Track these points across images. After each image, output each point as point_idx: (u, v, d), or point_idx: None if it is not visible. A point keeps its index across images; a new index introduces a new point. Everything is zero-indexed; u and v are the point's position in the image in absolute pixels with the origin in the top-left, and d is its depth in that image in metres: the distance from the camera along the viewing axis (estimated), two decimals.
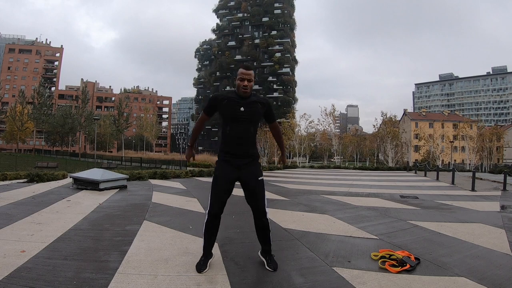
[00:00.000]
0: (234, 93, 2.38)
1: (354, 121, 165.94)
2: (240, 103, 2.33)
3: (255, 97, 2.40)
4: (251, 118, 2.36)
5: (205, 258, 2.44)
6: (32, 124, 50.25)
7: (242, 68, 2.35)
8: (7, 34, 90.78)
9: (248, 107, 2.33)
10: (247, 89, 2.32)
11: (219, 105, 2.37)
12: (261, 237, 2.49)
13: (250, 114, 2.35)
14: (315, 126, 38.32)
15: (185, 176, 11.37)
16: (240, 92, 2.34)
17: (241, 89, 2.32)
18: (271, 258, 2.48)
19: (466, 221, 4.30)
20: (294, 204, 5.79)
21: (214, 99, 2.41)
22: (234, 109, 2.32)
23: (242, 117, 2.33)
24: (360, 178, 13.51)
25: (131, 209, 4.85)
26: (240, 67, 2.38)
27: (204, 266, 2.39)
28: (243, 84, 2.31)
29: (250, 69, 2.36)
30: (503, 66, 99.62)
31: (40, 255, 2.61)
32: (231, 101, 2.34)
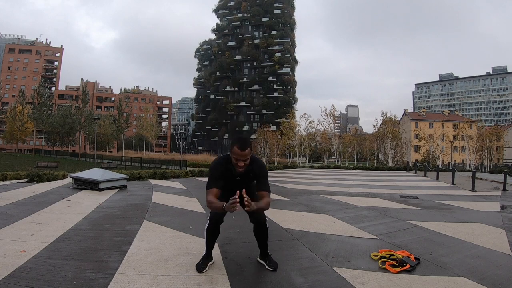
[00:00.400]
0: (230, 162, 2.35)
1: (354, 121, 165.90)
2: (235, 174, 2.38)
3: (250, 166, 2.35)
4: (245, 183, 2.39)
5: (206, 258, 2.47)
6: (32, 124, 50.22)
7: (237, 148, 2.23)
8: (7, 34, 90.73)
9: (243, 177, 2.39)
10: (242, 170, 2.32)
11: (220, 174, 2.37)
12: (259, 242, 2.52)
13: (245, 182, 2.39)
14: (315, 126, 38.35)
15: (185, 176, 11.37)
16: (236, 171, 2.35)
17: (237, 169, 2.32)
18: (269, 259, 2.50)
19: (466, 221, 4.30)
20: (294, 204, 5.79)
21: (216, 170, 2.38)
22: (231, 179, 2.38)
23: (237, 183, 2.38)
24: (360, 178, 13.51)
25: (131, 209, 4.85)
26: (235, 144, 2.25)
27: (203, 266, 2.41)
28: (238, 165, 2.29)
29: (246, 148, 2.24)
30: (503, 66, 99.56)
31: (40, 255, 2.61)
32: (230, 173, 2.36)
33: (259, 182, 2.39)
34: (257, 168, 2.38)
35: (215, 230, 2.42)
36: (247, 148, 2.25)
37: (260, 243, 2.51)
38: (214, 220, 2.38)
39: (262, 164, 2.45)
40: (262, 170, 2.41)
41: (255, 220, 2.41)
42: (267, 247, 2.53)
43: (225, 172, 2.35)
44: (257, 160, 2.43)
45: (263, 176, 2.40)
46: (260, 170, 2.39)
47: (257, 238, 2.50)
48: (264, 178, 2.41)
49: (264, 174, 2.41)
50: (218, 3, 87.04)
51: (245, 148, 2.24)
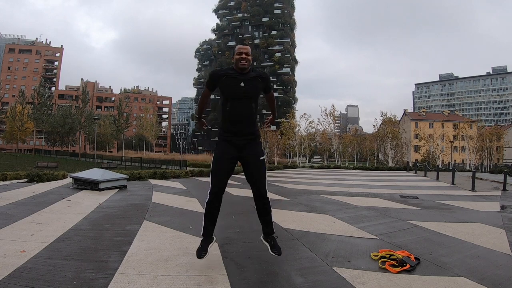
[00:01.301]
0: (233, 69, 2.31)
1: (354, 121, 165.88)
2: (239, 78, 2.26)
3: (255, 72, 2.34)
4: (251, 94, 2.30)
5: (205, 241, 2.38)
6: (32, 124, 50.24)
7: (239, 45, 2.36)
8: (7, 34, 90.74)
9: (248, 83, 2.27)
10: (245, 62, 2.24)
11: (219, 80, 2.30)
12: (262, 218, 2.45)
13: (250, 90, 2.29)
14: (315, 126, 38.37)
15: (185, 176, 11.37)
16: (239, 65, 2.27)
17: (240, 62, 2.25)
18: (274, 242, 2.43)
19: (466, 221, 4.30)
20: (294, 204, 5.79)
21: (214, 74, 2.36)
22: (234, 85, 2.26)
23: (243, 93, 2.27)
24: (360, 178, 13.51)
25: (131, 209, 4.85)
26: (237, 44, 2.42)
27: (204, 251, 2.33)
28: (241, 57, 2.23)
29: (247, 45, 2.43)
30: (503, 66, 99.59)
31: (40, 255, 2.61)
32: (231, 77, 2.27)
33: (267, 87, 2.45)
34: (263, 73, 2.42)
35: (217, 203, 2.35)
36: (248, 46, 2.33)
37: (263, 220, 2.45)
38: (215, 191, 2.32)
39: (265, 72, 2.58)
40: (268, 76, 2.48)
41: (257, 190, 2.37)
42: (271, 223, 2.46)
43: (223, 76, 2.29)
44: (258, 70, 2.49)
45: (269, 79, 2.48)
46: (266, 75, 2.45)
47: (260, 215, 2.44)
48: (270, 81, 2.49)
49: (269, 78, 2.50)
50: (218, 3, 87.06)
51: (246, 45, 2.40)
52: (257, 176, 2.38)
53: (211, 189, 2.34)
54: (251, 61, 2.29)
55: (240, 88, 2.25)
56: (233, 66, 2.33)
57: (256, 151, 2.40)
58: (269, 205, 2.43)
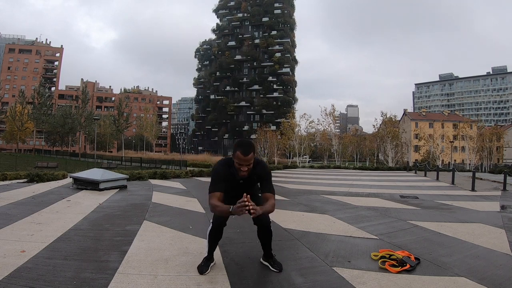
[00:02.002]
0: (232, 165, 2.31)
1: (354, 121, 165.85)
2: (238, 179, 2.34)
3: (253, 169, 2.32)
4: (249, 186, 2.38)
5: (207, 261, 2.44)
6: (32, 124, 50.20)
7: (240, 153, 2.19)
8: (7, 34, 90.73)
9: (246, 181, 2.35)
10: (245, 174, 2.28)
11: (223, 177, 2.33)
12: (263, 243, 2.49)
13: (248, 185, 2.37)
14: (315, 126, 38.36)
15: (185, 176, 11.37)
16: (239, 175, 2.30)
17: (240, 173, 2.28)
18: (273, 260, 2.49)
19: (466, 221, 4.30)
20: (294, 204, 5.79)
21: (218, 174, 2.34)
22: (234, 182, 2.34)
23: (241, 186, 2.35)
24: (360, 178, 13.51)
25: (131, 209, 4.85)
26: (238, 148, 2.21)
27: (206, 268, 2.39)
28: (242, 169, 2.25)
29: (249, 153, 2.20)
30: (503, 66, 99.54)
31: (40, 255, 2.61)
32: (232, 177, 2.32)
33: (263, 184, 2.36)
34: (260, 170, 2.35)
35: (218, 233, 2.39)
36: (251, 153, 2.20)
37: (264, 245, 2.49)
38: (218, 223, 2.36)
39: (265, 166, 2.42)
40: (266, 172, 2.38)
41: (259, 223, 2.39)
42: (271, 248, 2.51)
43: (228, 175, 2.32)
44: (260, 162, 2.40)
45: (267, 177, 2.37)
46: (263, 172, 2.36)
47: (261, 240, 2.48)
48: (268, 179, 2.38)
49: (267, 176, 2.38)
50: (218, 3, 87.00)
51: (249, 152, 2.19)
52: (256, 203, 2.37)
53: (214, 221, 2.37)
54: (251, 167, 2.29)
55: (239, 184, 2.36)
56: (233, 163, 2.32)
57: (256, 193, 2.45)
58: (271, 232, 2.44)
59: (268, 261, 2.50)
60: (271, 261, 2.48)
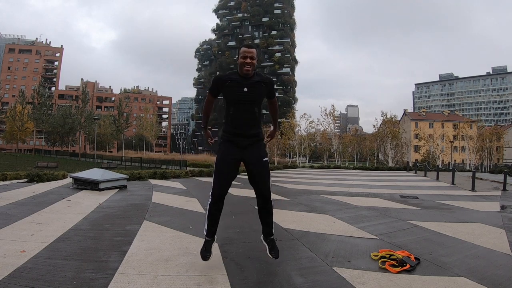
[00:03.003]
0: (236, 74, 2.30)
1: (354, 121, 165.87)
2: (243, 84, 2.26)
3: (259, 77, 2.32)
4: (254, 99, 2.30)
5: (208, 242, 2.39)
6: (32, 124, 50.23)
7: (244, 47, 2.28)
8: (7, 34, 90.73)
9: (251, 88, 2.26)
10: (249, 68, 2.23)
11: (222, 86, 2.30)
12: (263, 219, 2.45)
13: (254, 95, 2.28)
14: (315, 126, 38.39)
15: (185, 176, 11.37)
16: (243, 71, 2.25)
17: (244, 67, 2.23)
18: (273, 245, 2.44)
19: (466, 221, 4.30)
20: (294, 204, 5.79)
21: (217, 80, 2.36)
22: (238, 90, 2.26)
23: (246, 98, 2.27)
24: (360, 178, 13.51)
25: (131, 209, 4.85)
26: (242, 46, 2.30)
27: (208, 252, 2.35)
28: (245, 62, 2.22)
29: (252, 47, 2.29)
30: (503, 66, 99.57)
31: (40, 255, 2.61)
32: (234, 82, 2.27)
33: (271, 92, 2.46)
34: (267, 78, 2.40)
35: (219, 205, 2.35)
36: (254, 48, 2.30)
37: (264, 220, 2.44)
38: (217, 194, 2.32)
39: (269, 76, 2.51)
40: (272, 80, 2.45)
41: (260, 193, 2.36)
42: (272, 225, 2.47)
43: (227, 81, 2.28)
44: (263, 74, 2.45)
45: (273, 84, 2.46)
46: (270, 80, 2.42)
47: (260, 214, 2.44)
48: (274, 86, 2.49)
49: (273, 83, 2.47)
50: (218, 3, 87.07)
51: (252, 46, 2.30)
52: (259, 177, 2.36)
53: (214, 191, 2.33)
54: (255, 64, 2.28)
55: (243, 93, 2.26)
56: (237, 70, 2.32)
57: (259, 152, 2.39)
58: (272, 207, 2.42)
59: (268, 242, 2.45)
60: (270, 244, 2.43)
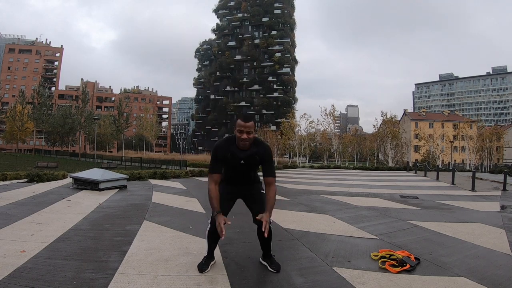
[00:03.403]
0: (234, 144, 2.30)
1: (354, 121, 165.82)
2: (240, 156, 2.30)
3: (255, 148, 2.32)
4: (250, 168, 2.40)
5: (207, 259, 2.45)
6: (32, 124, 50.18)
7: (240, 120, 2.22)
8: (7, 34, 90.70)
9: (247, 160, 2.32)
10: (246, 143, 2.25)
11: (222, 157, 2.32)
12: (263, 242, 2.47)
13: (249, 165, 2.36)
14: (315, 126, 38.37)
15: (185, 176, 11.37)
16: (240, 145, 2.28)
17: (241, 142, 2.25)
18: (272, 260, 2.48)
19: (466, 221, 4.30)
20: (294, 204, 5.79)
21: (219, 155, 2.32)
22: (235, 162, 2.33)
23: (242, 168, 2.36)
24: (360, 178, 13.51)
25: (131, 209, 4.85)
26: (238, 117, 2.24)
27: (206, 266, 2.40)
28: (242, 137, 2.22)
29: (250, 120, 2.22)
30: (503, 66, 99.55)
31: (40, 255, 2.61)
32: (233, 155, 2.30)
33: (265, 167, 2.36)
34: (263, 150, 2.35)
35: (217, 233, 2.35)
36: (251, 121, 2.23)
37: (263, 245, 2.48)
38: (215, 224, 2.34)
39: (267, 146, 2.43)
40: (268, 153, 2.38)
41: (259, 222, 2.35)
42: (270, 248, 2.50)
43: (228, 154, 2.30)
44: (262, 143, 2.41)
45: (269, 159, 2.37)
46: (265, 152, 2.36)
47: (260, 240, 2.46)
48: (270, 161, 2.39)
49: (270, 157, 2.39)
50: (218, 3, 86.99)
51: (249, 120, 2.22)
52: (259, 208, 2.37)
53: (213, 220, 2.33)
54: (252, 138, 2.27)
55: (240, 165, 2.34)
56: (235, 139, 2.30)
57: (257, 188, 2.48)
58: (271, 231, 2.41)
59: (267, 261, 2.50)
60: (269, 261, 2.48)
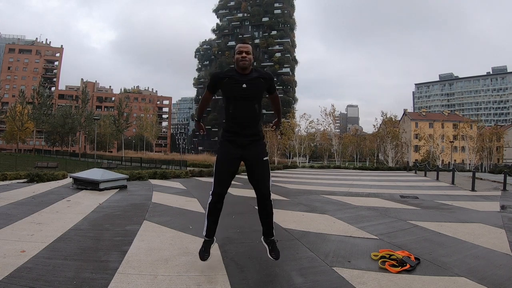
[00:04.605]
0: (234, 70, 2.29)
1: (354, 121, 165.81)
2: (241, 80, 2.24)
3: (257, 72, 2.30)
4: (254, 96, 2.28)
5: (208, 242, 2.38)
6: (32, 124, 50.20)
7: (239, 42, 2.31)
8: (7, 34, 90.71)
9: (250, 84, 2.24)
10: (246, 61, 2.21)
11: (220, 83, 2.29)
12: (263, 219, 2.43)
13: (253, 91, 2.26)
14: (315, 126, 38.40)
15: (185, 176, 11.37)
16: (239, 65, 2.24)
17: (240, 61, 2.22)
18: (273, 246, 2.42)
19: (466, 221, 4.29)
20: (294, 204, 5.79)
21: (215, 76, 2.34)
22: (236, 87, 2.24)
23: (245, 95, 2.25)
24: (360, 178, 13.51)
25: (131, 209, 4.85)
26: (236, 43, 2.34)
27: (207, 253, 2.34)
28: (241, 56, 2.21)
29: (247, 42, 2.33)
30: (503, 66, 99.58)
31: (40, 255, 2.61)
32: (232, 79, 2.25)
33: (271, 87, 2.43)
34: (265, 73, 2.39)
35: (219, 205, 2.33)
36: (248, 43, 2.33)
37: (264, 221, 2.42)
38: (218, 193, 2.30)
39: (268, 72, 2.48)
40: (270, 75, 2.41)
41: (260, 192, 2.34)
42: (272, 226, 2.44)
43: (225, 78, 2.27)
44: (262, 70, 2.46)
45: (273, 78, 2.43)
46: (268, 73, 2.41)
47: (260, 214, 2.42)
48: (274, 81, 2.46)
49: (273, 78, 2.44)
50: (218, 3, 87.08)
51: (246, 42, 2.33)
52: (260, 176, 2.35)
53: (214, 190, 2.32)
54: (252, 60, 2.26)
55: (243, 90, 2.23)
56: (235, 67, 2.30)
57: (259, 151, 2.38)
58: (271, 207, 2.39)
59: (268, 244, 2.43)
60: (271, 245, 2.42)
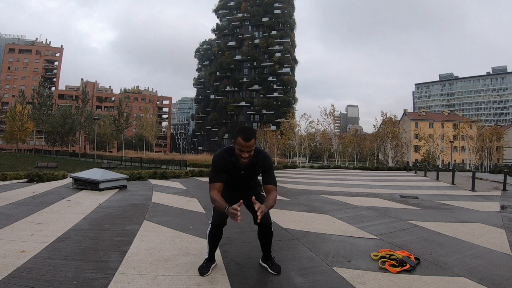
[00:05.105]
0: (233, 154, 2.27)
1: (354, 121, 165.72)
2: (240, 168, 2.31)
3: (254, 158, 2.29)
4: (251, 177, 2.43)
5: (208, 262, 2.42)
6: (32, 124, 50.17)
7: (241, 139, 2.14)
8: (7, 34, 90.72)
9: (247, 170, 2.34)
10: (246, 161, 2.25)
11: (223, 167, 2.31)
12: (263, 244, 2.45)
13: (250, 175, 2.39)
14: (315, 126, 38.37)
15: (185, 176, 11.37)
16: (240, 162, 2.28)
17: (241, 160, 2.25)
18: (272, 262, 2.46)
19: (466, 221, 4.30)
20: (294, 204, 5.79)
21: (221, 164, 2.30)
22: (236, 171, 2.33)
23: (243, 176, 2.38)
24: (360, 178, 13.52)
25: (131, 209, 4.85)
26: (239, 134, 2.15)
27: (207, 269, 2.37)
28: (242, 156, 2.21)
29: (250, 139, 2.14)
30: (503, 66, 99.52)
31: (40, 255, 2.61)
32: (234, 166, 2.30)
33: (265, 176, 2.33)
34: (262, 160, 2.31)
35: (218, 233, 2.36)
36: (252, 139, 2.15)
37: (264, 246, 2.45)
38: (217, 224, 2.32)
39: (267, 156, 2.38)
40: (268, 162, 2.34)
41: (260, 223, 2.31)
42: (270, 250, 2.47)
43: (228, 165, 2.28)
44: (261, 152, 2.36)
45: (269, 169, 2.33)
46: (265, 162, 2.32)
47: (261, 241, 2.44)
48: (270, 171, 2.34)
49: (270, 167, 2.34)
50: (218, 3, 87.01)
51: (250, 138, 2.14)
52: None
53: (214, 222, 2.33)
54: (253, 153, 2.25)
55: (241, 174, 2.36)
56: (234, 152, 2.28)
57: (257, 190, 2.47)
58: (272, 232, 2.39)
59: (267, 263, 2.47)
60: (270, 263, 2.45)
